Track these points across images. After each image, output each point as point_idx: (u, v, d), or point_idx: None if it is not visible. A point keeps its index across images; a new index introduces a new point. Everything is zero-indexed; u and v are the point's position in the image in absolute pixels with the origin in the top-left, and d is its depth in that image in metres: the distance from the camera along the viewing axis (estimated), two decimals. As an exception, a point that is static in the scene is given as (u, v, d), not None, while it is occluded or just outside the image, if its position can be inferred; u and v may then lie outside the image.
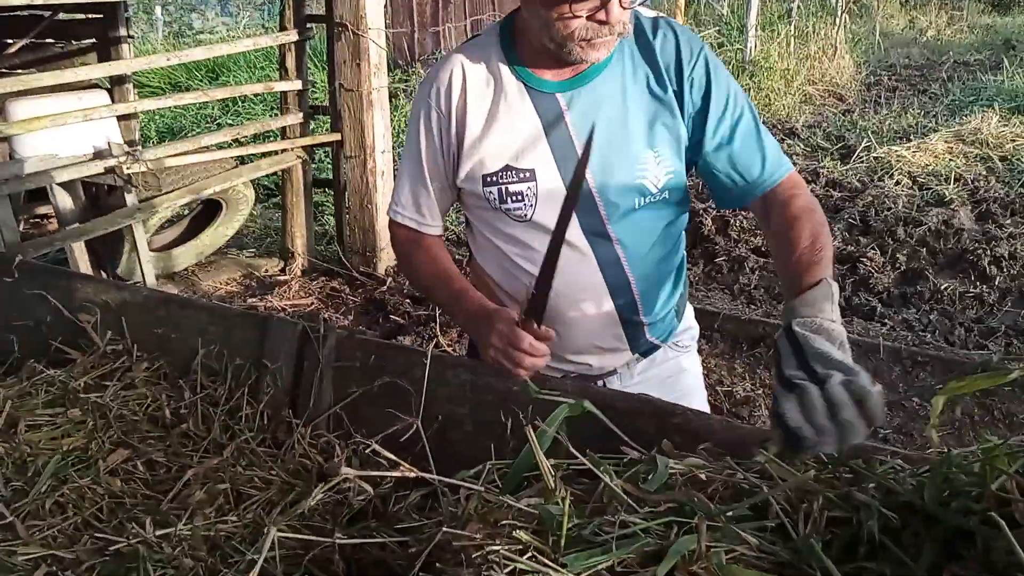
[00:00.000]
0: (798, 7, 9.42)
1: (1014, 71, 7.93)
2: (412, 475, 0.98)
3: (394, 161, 4.05)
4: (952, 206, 4.48)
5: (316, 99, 4.97)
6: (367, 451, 1.31)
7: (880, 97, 7.77)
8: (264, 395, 1.41)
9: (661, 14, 1.35)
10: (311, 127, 4.06)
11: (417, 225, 1.41)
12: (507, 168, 1.29)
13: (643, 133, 1.27)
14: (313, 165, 4.25)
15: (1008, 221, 4.27)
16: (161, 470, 1.31)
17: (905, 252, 4.00)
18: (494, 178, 1.30)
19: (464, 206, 1.42)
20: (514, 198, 1.29)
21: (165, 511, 1.19)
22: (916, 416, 2.68)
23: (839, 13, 9.14)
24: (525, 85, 1.28)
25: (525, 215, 1.30)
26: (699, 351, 1.64)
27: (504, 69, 1.29)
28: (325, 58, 7.29)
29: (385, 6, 6.42)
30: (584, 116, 1.26)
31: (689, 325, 1.53)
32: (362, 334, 1.75)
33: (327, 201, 5.20)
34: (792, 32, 8.59)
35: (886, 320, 3.34)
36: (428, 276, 1.41)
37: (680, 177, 1.32)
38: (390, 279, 3.99)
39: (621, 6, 1.13)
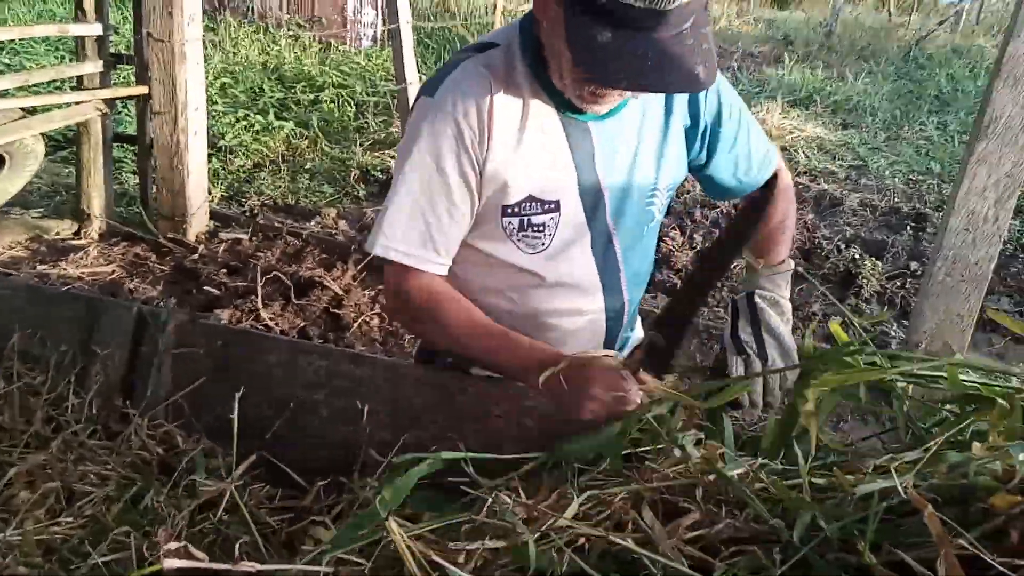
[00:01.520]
0: None
1: (792, 66, 8.81)
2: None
3: (209, 119, 3.82)
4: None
5: (117, 46, 4.54)
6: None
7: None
8: (93, 383, 1.32)
9: None
10: (111, 77, 3.72)
11: (420, 263, 1.20)
12: (531, 199, 1.19)
13: (655, 163, 1.25)
14: (111, 116, 3.90)
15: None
16: (-24, 469, 1.20)
17: (701, 232, 4.38)
18: (516, 208, 1.19)
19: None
20: (535, 229, 1.21)
21: (-12, 515, 1.10)
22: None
23: None
24: (558, 110, 1.17)
25: (541, 245, 1.23)
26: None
27: (536, 89, 1.16)
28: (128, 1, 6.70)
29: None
30: (608, 147, 1.20)
31: (640, 335, 1.53)
32: (204, 318, 1.68)
33: (125, 157, 4.80)
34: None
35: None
36: (462, 330, 1.20)
37: (677, 183, 1.33)
38: (202, 246, 3.78)
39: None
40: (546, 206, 1.19)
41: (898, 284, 3.90)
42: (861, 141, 6.35)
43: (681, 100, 1.24)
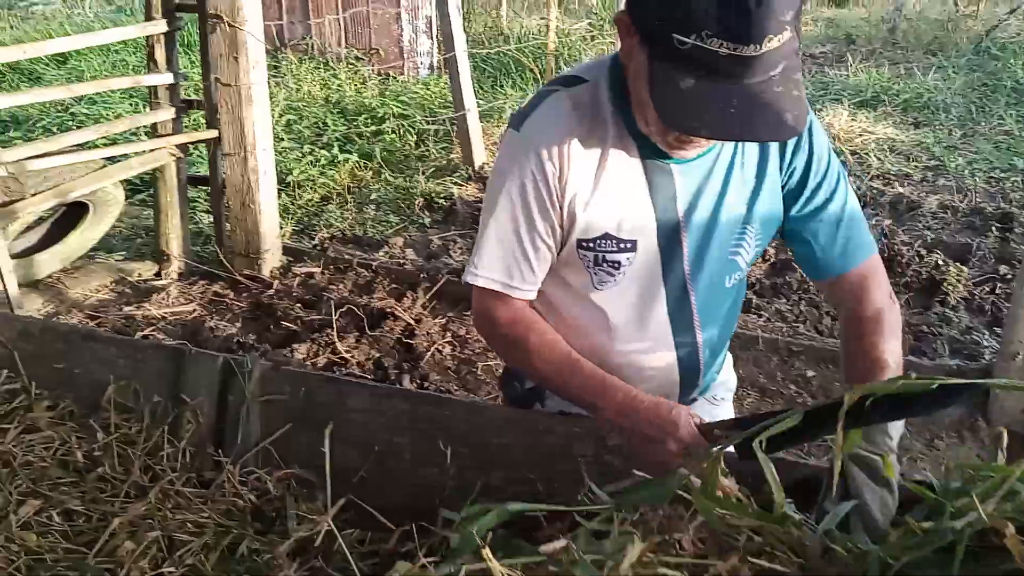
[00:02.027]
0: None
1: (857, 66, 8.58)
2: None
3: (277, 156, 3.93)
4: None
5: (187, 91, 4.72)
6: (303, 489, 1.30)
7: (740, 90, 8.21)
8: (185, 432, 1.36)
9: None
10: (183, 122, 3.86)
11: (506, 290, 1.23)
12: (607, 236, 1.19)
13: (743, 208, 1.22)
14: (185, 161, 4.04)
15: (864, 211, 4.65)
16: (80, 520, 1.24)
17: (773, 244, 4.28)
18: (592, 244, 1.20)
19: None
20: (609, 266, 1.21)
21: (95, 566, 1.13)
22: (794, 403, 2.89)
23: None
24: (639, 148, 1.16)
25: (613, 283, 1.23)
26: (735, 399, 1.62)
27: (619, 125, 1.16)
28: (192, 47, 6.96)
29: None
30: (691, 189, 1.19)
31: (726, 377, 1.51)
32: (287, 365, 1.71)
33: (198, 197, 4.97)
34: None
35: (761, 311, 3.56)
36: (548, 362, 1.22)
37: (763, 246, 1.30)
38: (276, 282, 3.87)
39: None
40: (622, 244, 1.20)
41: (987, 290, 3.72)
42: (936, 140, 6.12)
43: (776, 145, 1.22)
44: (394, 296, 3.68)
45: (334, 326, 3.25)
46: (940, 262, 3.88)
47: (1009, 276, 3.76)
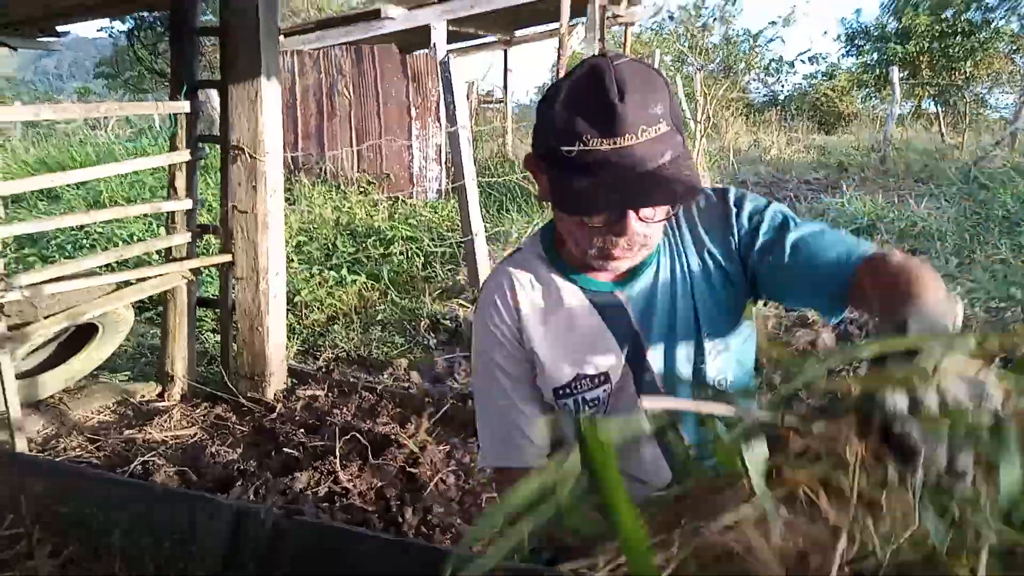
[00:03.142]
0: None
1: (851, 194, 8.83)
2: None
3: (286, 284, 3.99)
4: (815, 327, 4.86)
5: (201, 216, 4.84)
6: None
7: (739, 216, 8.43)
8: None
9: None
10: (196, 246, 3.94)
11: (512, 462, 1.27)
12: (579, 377, 1.23)
13: (693, 320, 1.23)
14: (196, 284, 4.10)
15: (863, 341, 4.67)
16: None
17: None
18: (567, 390, 1.24)
19: None
20: (590, 404, 1.24)
21: None
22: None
23: (698, 135, 9.95)
24: (580, 288, 1.24)
25: (597, 415, 1.26)
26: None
27: (554, 276, 1.25)
28: (209, 171, 7.20)
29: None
30: (644, 313, 1.23)
31: None
32: (300, 514, 1.68)
33: (204, 316, 5.01)
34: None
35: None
36: None
37: (741, 342, 1.26)
38: (280, 405, 3.85)
39: (640, 218, 1.09)
40: (595, 380, 1.24)
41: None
42: (934, 268, 6.22)
43: (712, 247, 1.24)
44: (398, 421, 3.65)
45: (337, 454, 3.21)
46: (947, 393, 3.86)
47: (1018, 409, 3.73)
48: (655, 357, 1.23)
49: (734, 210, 1.23)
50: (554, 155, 1.05)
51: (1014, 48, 19.83)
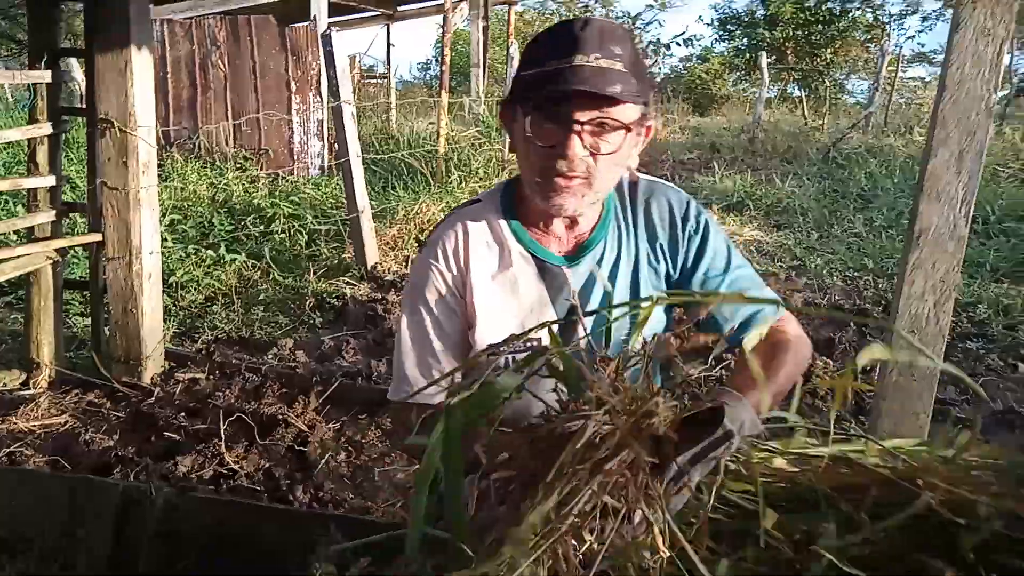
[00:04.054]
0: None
1: (722, 173, 9.28)
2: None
3: (163, 262, 3.83)
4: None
5: (67, 194, 4.56)
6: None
7: (619, 193, 8.70)
8: (83, 565, 1.29)
9: (657, 180, 1.39)
10: (63, 225, 3.72)
11: (423, 399, 1.26)
12: (514, 337, 1.21)
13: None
14: (62, 265, 3.87)
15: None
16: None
17: (657, 341, 4.47)
18: (501, 348, 1.21)
19: None
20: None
21: None
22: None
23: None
24: (531, 254, 1.29)
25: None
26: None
27: (508, 235, 1.29)
28: (71, 147, 6.75)
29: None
30: (584, 291, 1.29)
31: None
32: (193, 490, 1.65)
33: (73, 300, 4.74)
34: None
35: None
36: None
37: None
38: (158, 389, 3.71)
39: (583, 144, 1.14)
40: (528, 343, 1.25)
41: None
42: (796, 242, 6.65)
43: (663, 242, 1.32)
44: (285, 401, 3.59)
45: (221, 435, 3.13)
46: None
47: (869, 368, 4.08)
48: (587, 329, 1.28)
49: (691, 225, 1.32)
50: (516, 85, 1.17)
51: (868, 37, 21.25)
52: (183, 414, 3.45)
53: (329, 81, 4.79)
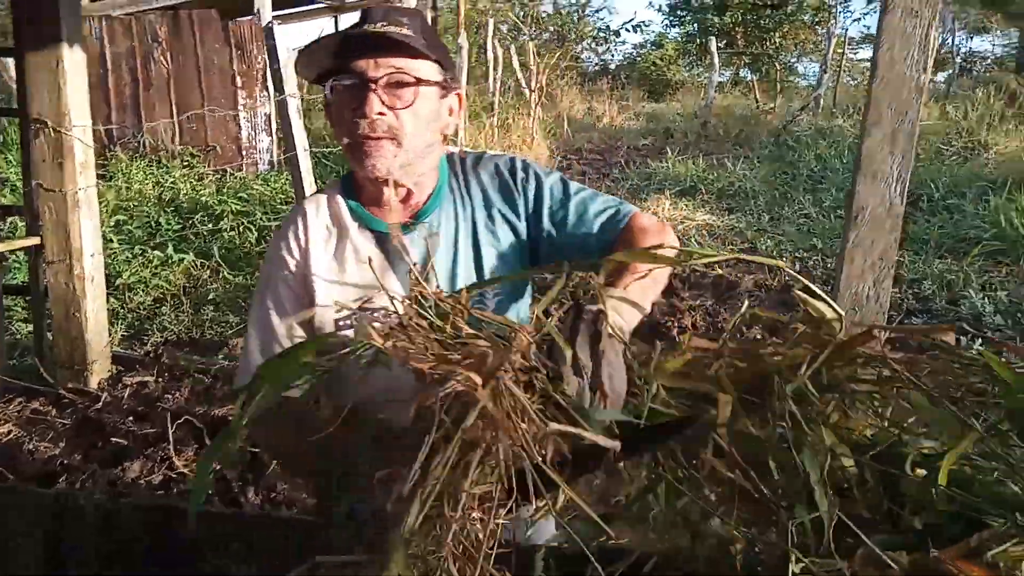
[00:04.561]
0: (498, 100, 10.30)
1: (675, 158, 9.36)
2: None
3: (105, 258, 3.74)
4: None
5: (3, 196, 4.43)
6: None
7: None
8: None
9: (484, 152, 1.48)
10: (3, 229, 3.62)
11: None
12: (361, 310, 1.28)
13: (479, 268, 1.36)
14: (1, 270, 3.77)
15: (687, 294, 5.02)
16: None
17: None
18: (348, 321, 1.27)
19: None
20: None
21: None
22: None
23: (532, 105, 10.15)
24: (367, 228, 1.35)
25: None
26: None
27: (346, 213, 1.36)
28: (10, 148, 6.55)
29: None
30: (425, 253, 1.32)
31: None
32: (127, 496, 1.61)
33: (16, 306, 4.62)
34: (495, 123, 9.36)
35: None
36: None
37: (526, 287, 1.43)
38: (105, 394, 3.63)
39: (380, 101, 1.22)
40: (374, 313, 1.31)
41: (799, 360, 4.11)
42: (748, 224, 6.75)
43: (500, 206, 1.39)
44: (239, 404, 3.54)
45: (170, 439, 3.08)
46: (759, 336, 4.24)
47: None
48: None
49: (521, 175, 1.39)
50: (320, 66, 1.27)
51: (816, 20, 21.56)
52: (131, 419, 3.39)
53: (273, 75, 4.71)
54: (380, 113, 1.22)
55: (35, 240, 3.51)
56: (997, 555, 0.79)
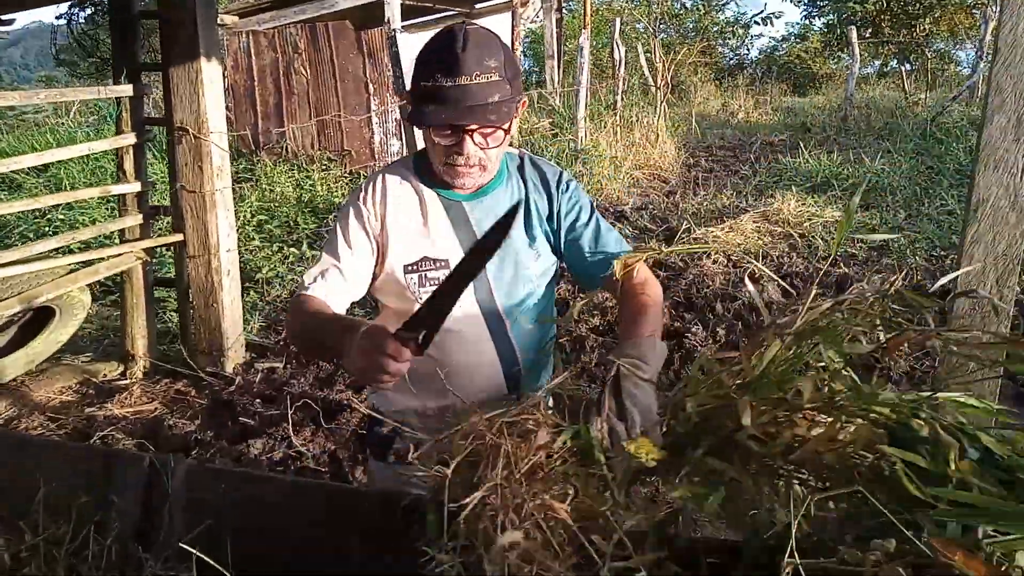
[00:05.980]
0: (622, 97, 10.24)
1: (809, 154, 8.96)
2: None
3: (247, 255, 4.06)
4: (762, 281, 5.00)
5: (153, 198, 4.89)
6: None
7: (699, 179, 8.55)
8: (112, 532, 1.42)
9: (537, 156, 1.74)
10: (151, 227, 4.01)
11: (310, 289, 1.49)
12: (425, 258, 1.55)
13: (525, 236, 1.61)
14: (154, 261, 4.17)
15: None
16: (3, 620, 1.29)
17: (724, 326, 4.42)
18: (414, 267, 1.56)
19: (381, 292, 1.61)
20: (432, 283, 1.55)
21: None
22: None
23: (659, 103, 10.02)
24: (437, 195, 1.58)
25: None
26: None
27: (419, 184, 1.59)
28: (163, 153, 7.20)
29: (227, 98, 6.42)
30: (483, 219, 1.58)
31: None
32: (211, 463, 1.78)
33: (168, 296, 5.08)
34: (617, 121, 9.31)
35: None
36: (299, 316, 1.45)
37: (553, 267, 1.67)
38: (239, 378, 3.95)
39: (475, 143, 1.43)
40: (438, 263, 1.56)
41: (926, 364, 3.86)
42: (882, 221, 6.38)
43: (541, 195, 1.64)
44: (354, 388, 3.76)
45: (289, 420, 3.32)
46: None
47: (948, 352, 3.90)
48: (490, 263, 1.46)
49: (562, 186, 1.65)
50: (416, 87, 1.43)
51: (972, 2, 19.90)
52: (259, 401, 3.67)
53: (396, 81, 4.94)
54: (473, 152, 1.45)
55: (179, 237, 3.87)
56: (994, 546, 0.77)
